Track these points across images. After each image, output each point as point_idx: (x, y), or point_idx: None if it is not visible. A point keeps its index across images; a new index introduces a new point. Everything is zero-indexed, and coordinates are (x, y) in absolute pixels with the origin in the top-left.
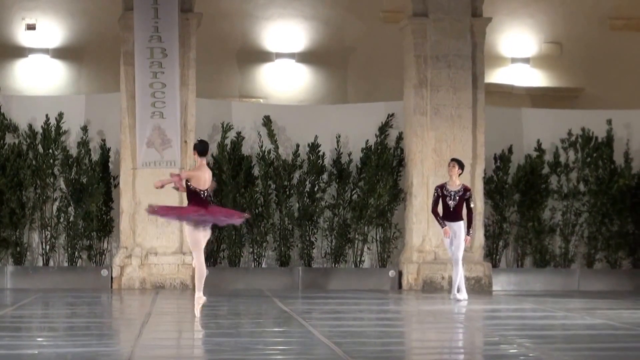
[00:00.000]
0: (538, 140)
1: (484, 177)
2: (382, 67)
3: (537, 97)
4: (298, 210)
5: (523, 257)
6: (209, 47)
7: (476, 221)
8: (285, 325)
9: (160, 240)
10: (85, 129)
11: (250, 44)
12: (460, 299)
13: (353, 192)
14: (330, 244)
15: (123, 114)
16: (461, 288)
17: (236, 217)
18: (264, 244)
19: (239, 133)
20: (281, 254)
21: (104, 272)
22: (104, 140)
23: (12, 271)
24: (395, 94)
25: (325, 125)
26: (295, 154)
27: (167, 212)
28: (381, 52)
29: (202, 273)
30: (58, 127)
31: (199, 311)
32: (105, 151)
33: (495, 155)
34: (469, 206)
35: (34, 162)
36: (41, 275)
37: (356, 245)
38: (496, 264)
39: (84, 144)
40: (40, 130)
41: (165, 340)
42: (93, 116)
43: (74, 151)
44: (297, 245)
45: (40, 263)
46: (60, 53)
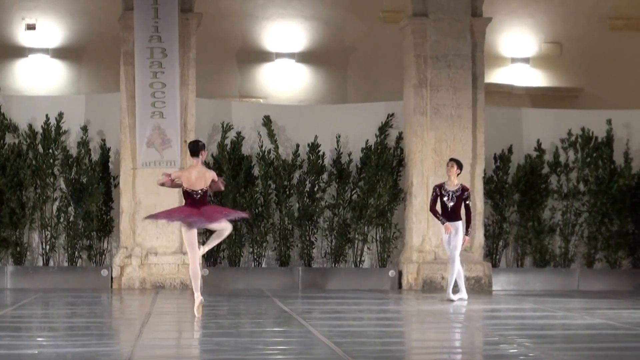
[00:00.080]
0: (538, 140)
1: (484, 177)
2: (382, 67)
3: (537, 97)
4: (298, 210)
5: (523, 257)
6: (209, 47)
7: (475, 221)
8: (285, 325)
9: (160, 240)
10: (85, 129)
11: (250, 44)
12: (454, 299)
13: (353, 192)
14: (330, 244)
15: (123, 114)
16: (461, 288)
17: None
18: (264, 244)
19: (239, 133)
20: (281, 254)
21: (104, 272)
22: (104, 140)
23: (12, 271)
24: (395, 94)
25: (325, 125)
26: (295, 154)
27: (160, 215)
28: (381, 52)
29: (195, 274)
30: (58, 127)
31: (198, 311)
32: (105, 151)
33: (495, 155)
34: (468, 206)
35: (34, 162)
36: (41, 275)
37: (356, 245)
38: (496, 264)
39: (84, 144)
40: (40, 130)
41: (165, 340)
42: (93, 116)
43: (74, 151)
44: (297, 245)
45: (40, 263)
46: (60, 53)
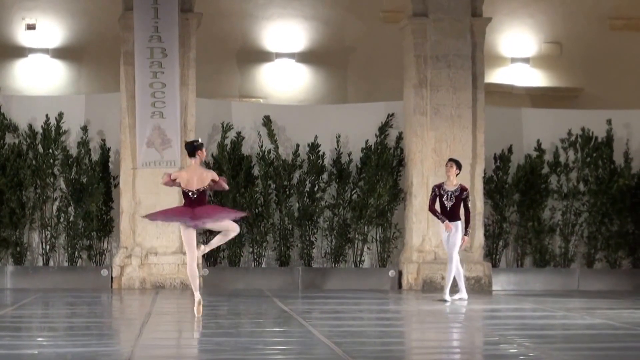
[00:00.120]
0: (538, 140)
1: (484, 177)
2: (382, 67)
3: (536, 97)
4: (298, 210)
5: (523, 256)
6: (209, 47)
7: (475, 221)
8: (285, 325)
9: (160, 240)
10: (85, 129)
11: (250, 44)
12: (447, 299)
13: (353, 192)
14: (330, 243)
15: (123, 113)
16: (461, 288)
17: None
18: (264, 244)
19: (239, 133)
20: (281, 253)
21: (104, 272)
22: (104, 140)
23: (12, 271)
24: (395, 94)
25: (325, 125)
26: (295, 154)
27: (156, 215)
28: (381, 52)
29: (192, 274)
30: (58, 127)
31: (198, 311)
32: (105, 151)
33: (495, 155)
34: (467, 206)
35: (34, 162)
36: (41, 275)
37: (356, 245)
38: (496, 264)
39: (84, 144)
40: (40, 130)
41: (165, 340)
42: (93, 116)
43: (74, 151)
44: (297, 245)
45: (40, 263)
46: (60, 53)
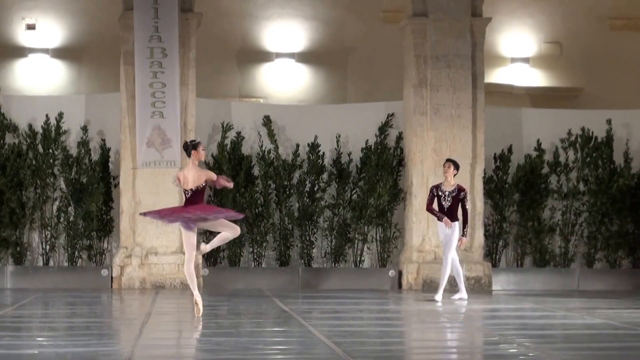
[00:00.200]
0: (538, 140)
1: (484, 177)
2: (382, 67)
3: (536, 97)
4: (298, 210)
5: (523, 256)
6: (209, 47)
7: (475, 221)
8: (285, 325)
9: (160, 240)
10: (85, 129)
11: (250, 44)
12: (438, 300)
13: (353, 192)
14: (330, 243)
15: (123, 113)
16: (461, 288)
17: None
18: (264, 244)
19: (239, 133)
20: (281, 253)
21: (104, 272)
22: (104, 140)
23: (12, 271)
24: (395, 94)
25: (325, 125)
26: (295, 154)
27: (152, 213)
28: (381, 52)
29: (189, 274)
30: (58, 127)
31: (197, 311)
32: (105, 151)
33: (495, 155)
34: (464, 206)
35: (34, 162)
36: (41, 275)
37: (356, 245)
38: (496, 264)
39: (84, 143)
40: (40, 130)
41: (165, 340)
42: (93, 116)
43: (74, 151)
44: (297, 245)
45: (40, 263)
46: (60, 53)
